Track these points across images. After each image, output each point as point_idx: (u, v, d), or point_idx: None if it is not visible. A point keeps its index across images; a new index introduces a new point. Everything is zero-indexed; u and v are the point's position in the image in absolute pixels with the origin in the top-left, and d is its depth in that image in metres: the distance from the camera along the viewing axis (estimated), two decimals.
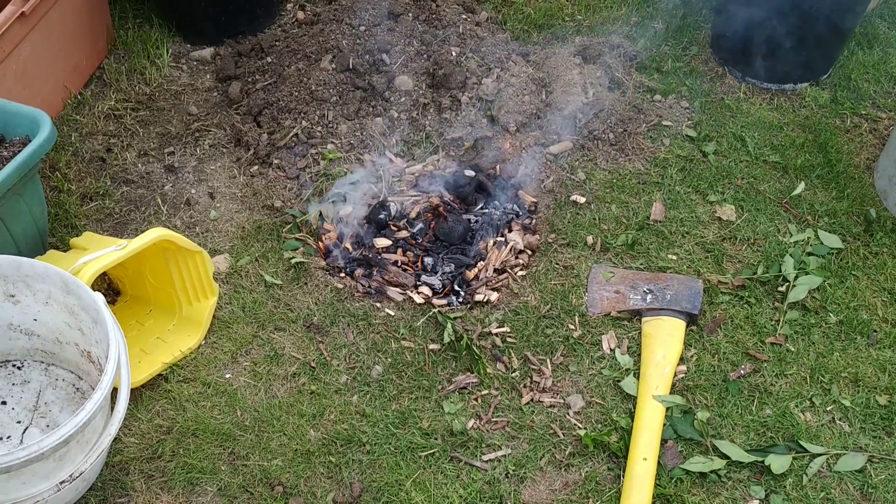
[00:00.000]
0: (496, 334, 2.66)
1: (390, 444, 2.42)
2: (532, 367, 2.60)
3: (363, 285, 2.78)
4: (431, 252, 2.88)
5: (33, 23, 2.92)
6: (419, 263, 2.86)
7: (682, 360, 2.61)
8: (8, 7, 2.83)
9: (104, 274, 2.67)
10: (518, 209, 3.01)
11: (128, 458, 2.37)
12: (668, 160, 3.14)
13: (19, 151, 2.41)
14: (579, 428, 2.47)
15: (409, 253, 2.88)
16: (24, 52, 2.92)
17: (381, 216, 2.94)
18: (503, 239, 2.91)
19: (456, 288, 2.79)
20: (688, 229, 2.94)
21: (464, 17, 3.45)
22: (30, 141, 2.45)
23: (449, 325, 2.62)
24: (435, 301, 2.74)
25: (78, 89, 3.27)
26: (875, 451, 2.42)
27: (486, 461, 2.40)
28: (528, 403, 2.52)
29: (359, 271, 2.82)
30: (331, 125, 3.14)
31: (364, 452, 2.41)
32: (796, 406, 2.52)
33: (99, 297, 2.19)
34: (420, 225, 2.96)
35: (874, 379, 2.57)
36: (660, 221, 2.95)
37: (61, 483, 2.05)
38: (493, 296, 2.75)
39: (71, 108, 3.21)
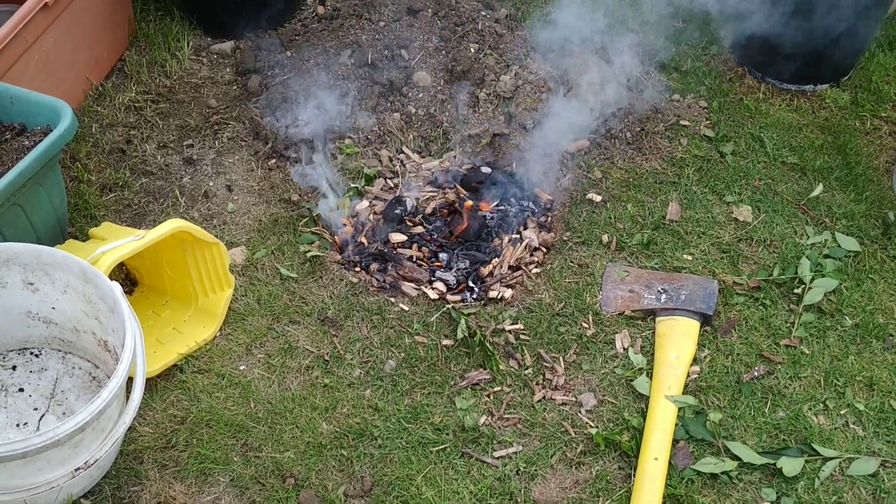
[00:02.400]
0: (510, 331, 2.66)
1: (402, 438, 2.43)
2: (545, 364, 2.60)
3: (378, 280, 2.79)
4: (446, 248, 2.89)
5: (56, 14, 2.95)
6: (434, 259, 2.87)
7: (695, 360, 2.60)
8: None
9: (122, 264, 2.70)
10: (534, 206, 3.01)
11: (142, 446, 2.39)
12: (685, 160, 3.13)
13: (40, 141, 2.44)
14: (591, 426, 2.47)
15: (424, 248, 2.88)
16: (46, 43, 2.95)
17: (397, 211, 2.95)
18: (518, 236, 2.91)
19: (470, 284, 2.80)
20: (704, 230, 2.93)
21: (483, 13, 3.44)
22: (51, 131, 2.48)
23: (462, 322, 2.62)
24: (449, 297, 2.75)
25: (99, 81, 3.30)
26: (888, 455, 2.41)
27: (498, 458, 2.41)
28: (540, 401, 2.52)
29: (374, 266, 2.83)
30: (349, 120, 3.15)
31: (376, 446, 2.42)
32: (810, 409, 2.51)
33: (116, 287, 2.21)
34: (436, 221, 2.97)
35: (889, 383, 2.56)
36: (676, 221, 2.94)
37: (76, 470, 2.07)
38: (508, 293, 2.75)
39: (92, 100, 3.24)
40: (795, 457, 2.39)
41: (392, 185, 3.06)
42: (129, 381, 2.18)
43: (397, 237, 2.90)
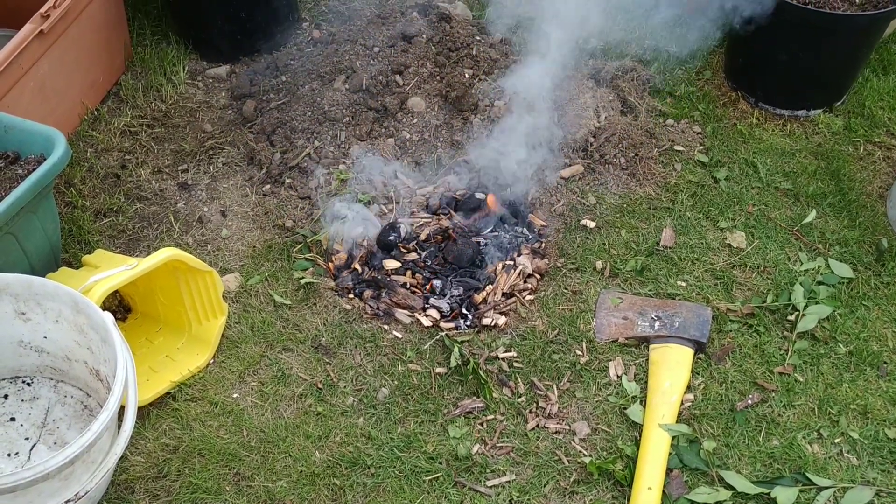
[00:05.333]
0: (503, 359, 2.65)
1: (395, 467, 2.42)
2: (538, 392, 2.59)
3: (371, 307, 2.78)
4: (440, 275, 2.88)
5: (52, 40, 2.96)
6: (428, 286, 2.86)
7: (689, 388, 2.60)
8: (27, 25, 2.87)
9: (116, 290, 2.69)
10: (528, 233, 3.01)
11: (133, 476, 2.38)
12: (679, 185, 3.13)
13: (34, 170, 2.44)
14: (584, 455, 2.46)
15: (417, 275, 2.88)
16: (42, 69, 2.96)
17: (391, 238, 2.95)
18: (512, 263, 2.91)
19: (464, 311, 2.79)
20: (697, 256, 2.93)
21: (477, 38, 3.46)
22: (44, 159, 2.48)
23: (456, 349, 2.62)
24: (442, 324, 2.74)
25: (95, 105, 3.31)
26: (883, 485, 2.40)
27: (490, 487, 2.40)
28: (533, 429, 2.52)
29: (367, 293, 2.83)
30: (343, 145, 3.15)
31: (368, 475, 2.41)
32: (804, 437, 2.50)
33: (108, 318, 2.21)
34: (430, 248, 2.97)
35: (883, 411, 2.55)
36: (669, 247, 2.95)
37: (67, 502, 2.06)
38: (501, 320, 2.75)
39: (87, 124, 3.25)
40: (790, 486, 2.38)
41: (386, 211, 3.06)
42: (121, 409, 2.17)
43: (391, 264, 2.89)
